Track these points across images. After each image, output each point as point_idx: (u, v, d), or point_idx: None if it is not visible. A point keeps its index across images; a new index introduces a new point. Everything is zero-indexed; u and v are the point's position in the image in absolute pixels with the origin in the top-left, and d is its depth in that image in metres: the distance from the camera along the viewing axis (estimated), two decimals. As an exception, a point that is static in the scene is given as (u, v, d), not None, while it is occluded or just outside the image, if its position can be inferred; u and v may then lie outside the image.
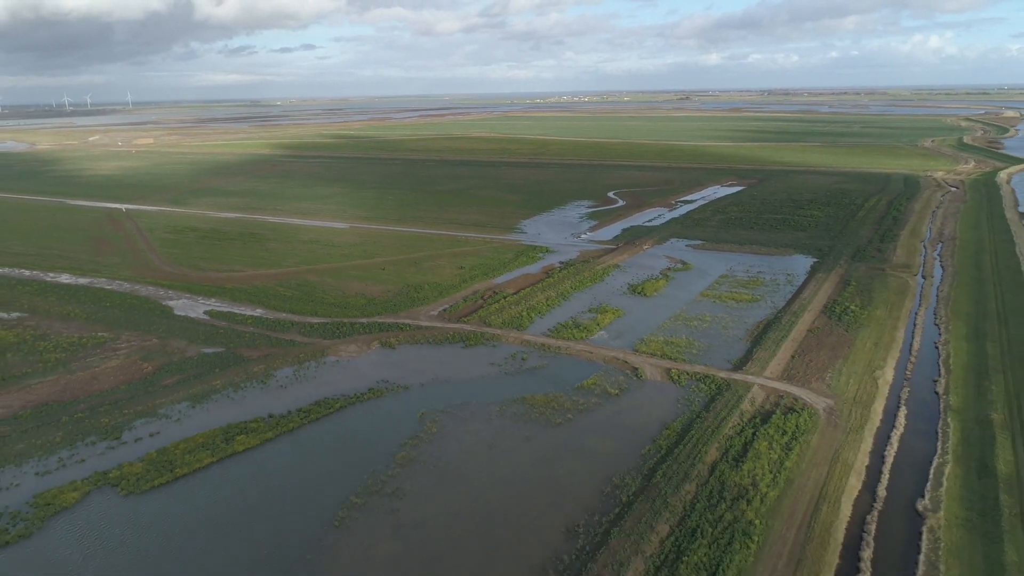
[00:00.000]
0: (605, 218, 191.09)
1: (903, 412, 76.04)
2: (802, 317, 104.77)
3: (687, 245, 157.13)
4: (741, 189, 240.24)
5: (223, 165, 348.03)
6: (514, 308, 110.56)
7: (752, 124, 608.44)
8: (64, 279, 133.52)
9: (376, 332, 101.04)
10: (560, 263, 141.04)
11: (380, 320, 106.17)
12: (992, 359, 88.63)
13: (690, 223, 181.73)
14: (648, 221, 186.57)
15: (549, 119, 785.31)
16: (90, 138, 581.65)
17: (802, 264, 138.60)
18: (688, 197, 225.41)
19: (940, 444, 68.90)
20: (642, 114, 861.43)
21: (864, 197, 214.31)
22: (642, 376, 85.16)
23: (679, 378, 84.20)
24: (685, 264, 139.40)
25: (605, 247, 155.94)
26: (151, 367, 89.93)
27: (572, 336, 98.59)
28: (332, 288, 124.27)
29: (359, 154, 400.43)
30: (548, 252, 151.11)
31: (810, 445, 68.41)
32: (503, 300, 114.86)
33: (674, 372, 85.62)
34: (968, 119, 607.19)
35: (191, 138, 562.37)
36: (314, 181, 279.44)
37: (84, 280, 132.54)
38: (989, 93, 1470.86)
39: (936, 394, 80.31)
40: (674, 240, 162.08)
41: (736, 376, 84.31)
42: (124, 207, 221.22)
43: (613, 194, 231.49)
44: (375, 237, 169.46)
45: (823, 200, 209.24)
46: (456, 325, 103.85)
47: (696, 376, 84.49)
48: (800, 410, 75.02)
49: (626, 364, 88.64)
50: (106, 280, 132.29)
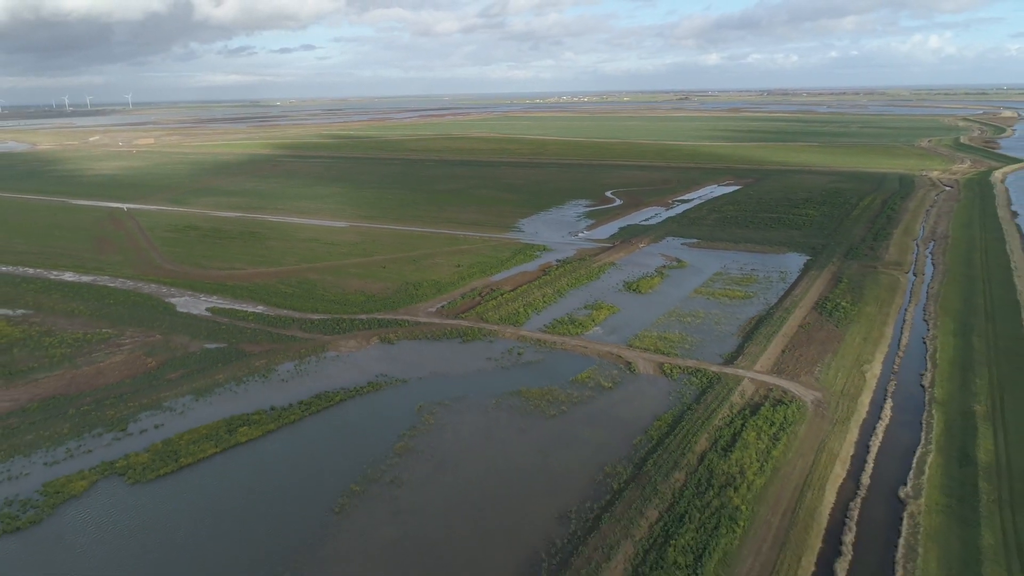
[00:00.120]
0: (602, 217, 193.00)
1: (889, 404, 78.04)
2: (793, 313, 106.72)
3: (683, 243, 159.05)
4: (738, 188, 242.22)
5: (223, 165, 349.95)
6: (511, 305, 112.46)
7: (750, 124, 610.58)
8: (68, 277, 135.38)
9: (375, 328, 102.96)
10: (557, 261, 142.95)
11: (379, 316, 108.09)
12: (978, 353, 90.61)
13: (686, 222, 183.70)
14: (645, 220, 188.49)
15: (548, 119, 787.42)
16: (90, 138, 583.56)
17: (796, 262, 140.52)
18: (685, 196, 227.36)
19: (924, 435, 70.85)
20: (641, 114, 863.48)
21: (859, 196, 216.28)
22: (635, 370, 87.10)
23: (671, 372, 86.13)
24: (680, 262, 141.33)
25: (602, 245, 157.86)
26: (155, 362, 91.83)
27: (568, 332, 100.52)
28: (332, 285, 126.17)
29: (358, 154, 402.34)
30: (545, 250, 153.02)
31: (797, 435, 70.38)
32: (500, 297, 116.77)
33: (667, 366, 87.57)
34: (966, 119, 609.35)
35: (191, 138, 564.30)
36: (314, 181, 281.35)
37: (87, 278, 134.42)
38: (988, 93, 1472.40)
39: (922, 387, 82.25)
40: (670, 238, 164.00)
41: (727, 370, 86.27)
42: (125, 206, 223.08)
43: (611, 193, 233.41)
44: (374, 236, 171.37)
45: (818, 199, 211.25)
46: (454, 321, 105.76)
47: (688, 370, 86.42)
48: (788, 402, 77.01)
49: (620, 359, 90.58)
50: (109, 278, 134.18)
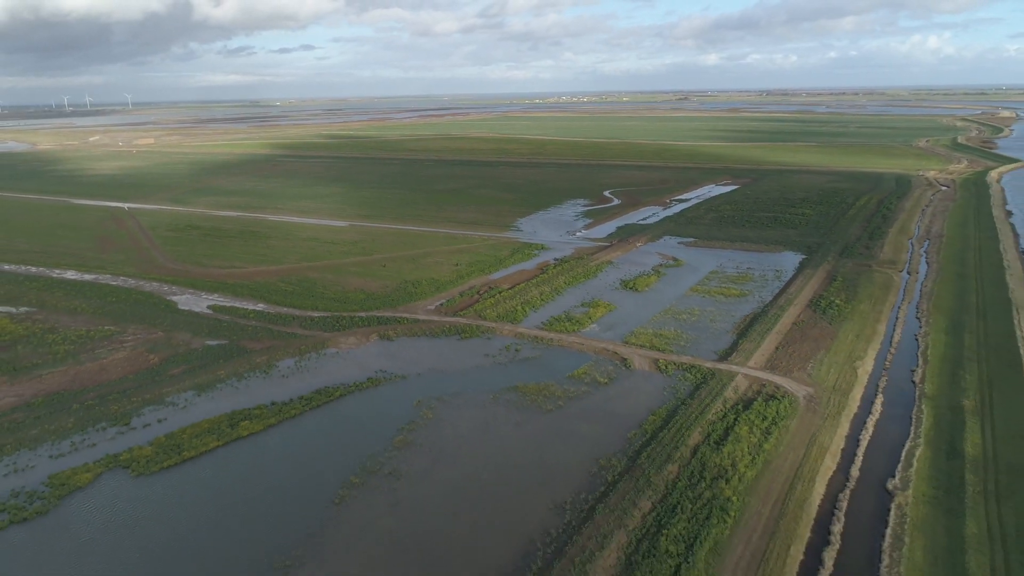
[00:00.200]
0: (600, 216, 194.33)
1: (880, 399, 79.34)
2: (788, 311, 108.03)
3: (679, 242, 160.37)
4: (735, 188, 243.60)
5: (223, 165, 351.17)
6: (509, 302, 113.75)
7: (749, 124, 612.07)
8: (70, 275, 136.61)
9: (375, 325, 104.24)
10: (555, 260, 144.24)
11: (379, 314, 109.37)
12: (968, 350, 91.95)
13: (683, 221, 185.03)
14: (642, 219, 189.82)
15: (547, 119, 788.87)
16: (90, 138, 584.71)
17: (791, 260, 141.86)
18: (683, 196, 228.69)
19: (913, 429, 72.16)
20: (640, 114, 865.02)
21: (856, 196, 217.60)
22: (631, 366, 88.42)
23: (666, 368, 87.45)
24: (677, 260, 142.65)
25: (599, 244, 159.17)
26: (157, 358, 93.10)
27: (565, 329, 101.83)
28: (332, 284, 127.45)
29: (358, 154, 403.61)
30: (543, 249, 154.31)
31: (789, 429, 71.69)
32: (498, 295, 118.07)
33: (662, 362, 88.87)
34: (964, 119, 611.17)
35: (191, 138, 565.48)
36: (314, 180, 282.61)
37: (89, 276, 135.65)
38: (987, 93, 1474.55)
39: (913, 383, 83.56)
40: (667, 237, 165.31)
41: (721, 366, 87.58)
42: (126, 206, 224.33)
43: (609, 193, 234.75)
44: (374, 235, 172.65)
45: (815, 199, 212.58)
46: (452, 319, 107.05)
47: (683, 366, 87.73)
48: (781, 397, 78.31)
49: (616, 355, 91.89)
50: (111, 276, 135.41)
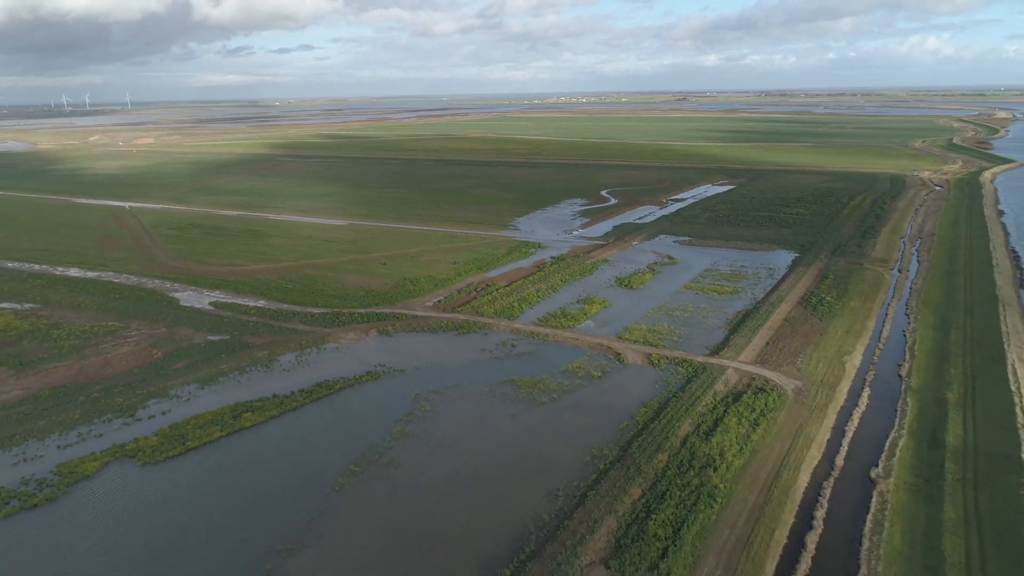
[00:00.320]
0: (597, 216, 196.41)
1: (866, 393, 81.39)
2: (779, 307, 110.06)
3: (675, 241, 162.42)
4: (731, 188, 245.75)
5: (223, 164, 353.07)
6: (506, 299, 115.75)
7: (747, 125, 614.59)
8: (73, 273, 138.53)
9: (374, 321, 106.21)
10: (551, 258, 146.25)
11: (377, 310, 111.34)
12: (954, 344, 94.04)
13: (679, 220, 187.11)
14: (639, 218, 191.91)
15: (546, 120, 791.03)
16: (90, 138, 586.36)
17: (784, 259, 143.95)
18: (679, 196, 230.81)
19: (898, 420, 74.20)
20: (638, 115, 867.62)
21: (850, 196, 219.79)
22: (624, 360, 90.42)
23: (659, 362, 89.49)
24: (672, 259, 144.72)
25: (595, 243, 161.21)
26: (161, 353, 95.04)
27: (560, 325, 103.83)
28: (331, 281, 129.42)
29: (357, 154, 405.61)
30: (540, 248, 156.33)
31: (776, 421, 73.72)
32: (495, 292, 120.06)
33: (654, 357, 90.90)
34: (961, 120, 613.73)
35: (191, 138, 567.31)
36: (313, 180, 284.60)
37: (92, 274, 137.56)
38: (985, 94, 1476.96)
39: (899, 376, 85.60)
40: (662, 236, 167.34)
41: (712, 360, 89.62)
42: (127, 205, 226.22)
43: (606, 193, 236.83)
44: (373, 234, 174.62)
45: (810, 199, 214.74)
46: (450, 315, 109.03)
47: (675, 360, 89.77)
48: (770, 391, 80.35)
49: (610, 350, 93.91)
50: (113, 274, 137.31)
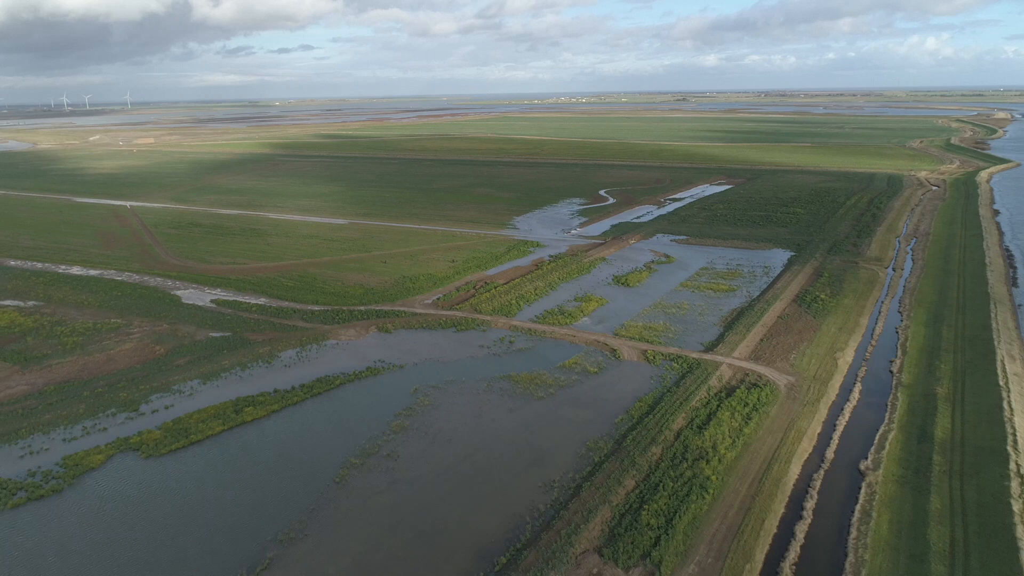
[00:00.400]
0: (595, 215, 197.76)
1: (858, 388, 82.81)
2: (774, 305, 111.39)
3: (672, 240, 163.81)
4: (729, 188, 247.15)
5: (223, 164, 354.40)
6: (504, 297, 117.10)
7: (746, 125, 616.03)
8: (75, 271, 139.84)
9: (373, 318, 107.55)
10: (550, 256, 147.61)
11: (377, 308, 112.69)
12: (946, 341, 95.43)
13: (676, 219, 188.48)
14: (636, 218, 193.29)
15: (545, 120, 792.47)
16: (91, 138, 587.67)
17: (780, 257, 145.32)
18: (677, 195, 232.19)
19: (888, 414, 75.58)
20: (638, 115, 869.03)
21: (847, 195, 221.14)
22: (620, 357, 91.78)
23: (654, 358, 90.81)
24: (668, 257, 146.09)
25: (593, 242, 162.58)
26: (163, 349, 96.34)
27: (557, 322, 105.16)
28: (331, 279, 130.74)
29: (357, 153, 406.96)
30: (539, 246, 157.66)
31: (769, 415, 75.06)
32: (494, 290, 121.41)
33: (650, 353, 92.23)
34: (959, 120, 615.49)
35: (191, 138, 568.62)
36: (313, 179, 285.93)
37: (94, 272, 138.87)
38: (984, 95, 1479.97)
39: (891, 372, 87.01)
40: (660, 235, 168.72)
41: (707, 356, 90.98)
42: (128, 204, 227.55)
43: (604, 192, 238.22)
44: (373, 232, 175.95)
45: (807, 198, 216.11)
46: (449, 312, 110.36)
47: (670, 356, 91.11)
48: (763, 386, 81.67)
49: (606, 346, 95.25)
50: (115, 272, 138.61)
